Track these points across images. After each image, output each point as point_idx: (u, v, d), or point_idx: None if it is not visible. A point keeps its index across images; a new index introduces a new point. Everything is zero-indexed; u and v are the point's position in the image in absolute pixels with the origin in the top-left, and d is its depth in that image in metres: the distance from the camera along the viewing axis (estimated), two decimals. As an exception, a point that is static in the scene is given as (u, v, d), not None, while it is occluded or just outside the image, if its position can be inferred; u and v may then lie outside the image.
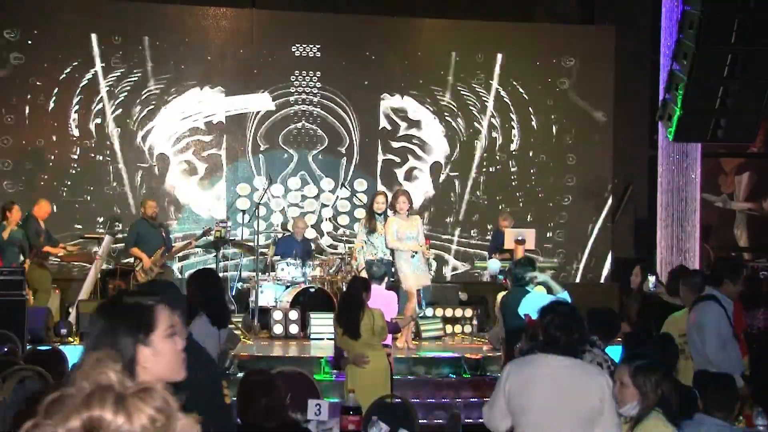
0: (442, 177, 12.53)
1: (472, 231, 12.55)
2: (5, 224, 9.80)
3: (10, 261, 9.53)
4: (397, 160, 12.47)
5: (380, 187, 11.55)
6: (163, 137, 12.01)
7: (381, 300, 6.79)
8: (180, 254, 11.06)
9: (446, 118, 12.55)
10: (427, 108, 12.52)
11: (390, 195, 9.62)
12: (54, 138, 11.68)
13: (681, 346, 5.72)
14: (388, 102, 12.48)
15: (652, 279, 7.69)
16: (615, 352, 7.07)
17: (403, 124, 12.50)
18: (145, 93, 11.94)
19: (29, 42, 11.59)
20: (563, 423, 3.63)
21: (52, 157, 11.67)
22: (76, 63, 11.73)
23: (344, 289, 8.77)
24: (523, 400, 3.68)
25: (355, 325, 6.27)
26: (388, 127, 12.47)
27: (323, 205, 12.26)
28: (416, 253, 9.11)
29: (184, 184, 12.04)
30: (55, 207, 11.09)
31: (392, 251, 9.20)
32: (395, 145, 12.49)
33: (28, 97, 11.58)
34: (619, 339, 6.49)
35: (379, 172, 12.39)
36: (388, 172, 12.39)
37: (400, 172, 12.42)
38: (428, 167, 12.51)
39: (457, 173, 12.55)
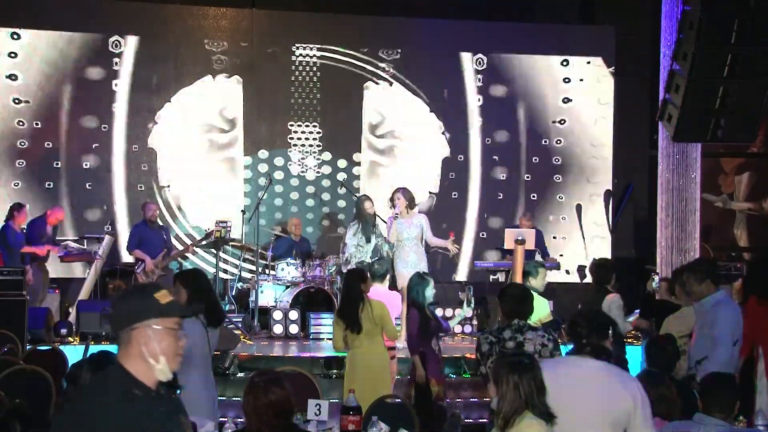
0: (442, 176, 12.52)
1: (472, 230, 12.55)
2: (11, 224, 9.87)
3: (15, 264, 9.57)
4: (399, 159, 12.47)
5: (373, 189, 11.53)
6: (163, 137, 12.01)
7: (383, 300, 6.81)
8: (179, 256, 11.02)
9: (445, 117, 12.54)
10: (427, 107, 12.51)
11: (397, 196, 9.51)
12: (56, 138, 11.68)
13: (682, 347, 5.72)
14: (388, 101, 12.47)
15: (656, 278, 7.70)
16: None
17: (403, 123, 12.49)
18: (145, 93, 11.94)
19: (32, 43, 11.59)
20: (598, 425, 3.64)
21: (55, 157, 11.67)
22: (75, 63, 11.73)
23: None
24: (558, 401, 3.67)
25: (354, 317, 6.29)
26: (389, 126, 12.46)
27: (322, 203, 12.25)
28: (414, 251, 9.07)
29: (184, 183, 12.03)
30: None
31: (393, 251, 9.16)
32: (396, 144, 12.48)
33: (32, 97, 11.58)
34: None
35: (380, 172, 12.39)
36: (388, 171, 12.39)
37: (400, 172, 12.41)
38: (427, 167, 12.50)
39: (457, 173, 12.54)
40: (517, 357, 3.74)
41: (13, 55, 11.56)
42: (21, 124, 11.56)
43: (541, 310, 6.43)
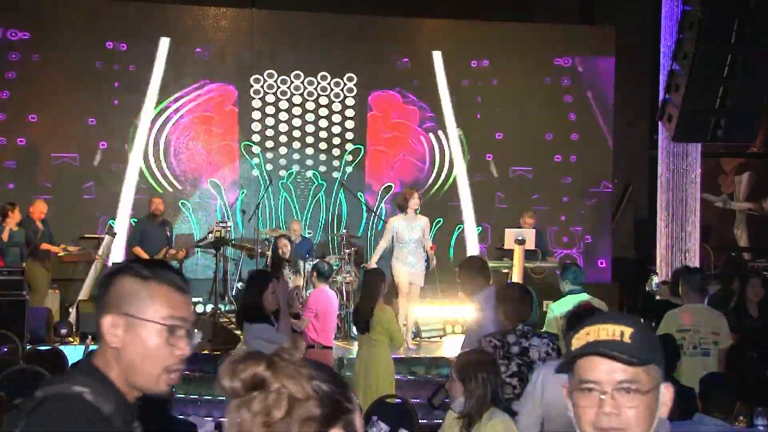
0: (441, 176, 12.53)
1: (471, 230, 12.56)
2: (4, 225, 9.81)
3: (11, 262, 9.53)
4: (398, 159, 12.47)
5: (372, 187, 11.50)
6: (163, 136, 12.01)
7: (329, 299, 7.05)
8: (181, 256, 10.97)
9: (445, 117, 12.55)
10: (427, 107, 12.52)
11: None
12: (56, 137, 11.68)
13: (679, 341, 5.74)
14: (388, 101, 12.48)
15: (655, 279, 7.68)
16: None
17: (403, 123, 12.50)
18: (145, 92, 11.94)
19: (33, 42, 11.60)
20: None
21: (55, 157, 11.67)
22: (77, 63, 11.73)
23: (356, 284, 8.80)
24: (562, 403, 3.66)
25: (367, 317, 6.30)
26: (388, 126, 12.47)
27: (321, 203, 12.25)
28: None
29: (184, 183, 12.04)
30: (56, 207, 11.09)
31: (392, 247, 9.11)
32: (395, 143, 12.49)
33: (32, 97, 11.59)
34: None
35: (378, 172, 12.39)
36: (387, 171, 12.39)
37: (399, 172, 12.42)
38: (427, 166, 12.51)
39: (456, 173, 12.55)
40: (479, 354, 3.69)
41: (16, 56, 11.58)
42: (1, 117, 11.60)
43: None
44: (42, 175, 11.62)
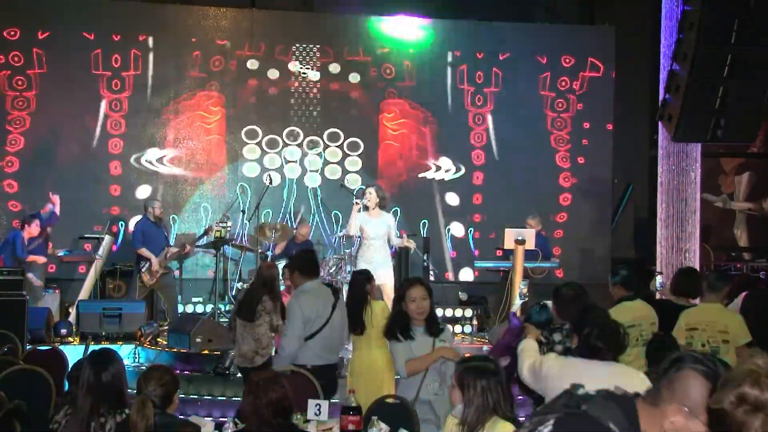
0: (441, 176, 12.53)
1: (471, 230, 12.55)
2: (22, 235, 9.88)
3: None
4: (396, 158, 12.47)
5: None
6: (164, 136, 12.01)
7: None
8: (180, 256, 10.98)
9: (445, 117, 12.55)
10: (426, 107, 12.52)
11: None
12: (55, 137, 11.68)
13: (687, 340, 5.72)
14: (387, 101, 12.48)
15: (659, 279, 7.66)
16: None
17: (402, 123, 12.50)
18: (145, 93, 11.94)
19: (30, 41, 11.60)
20: None
21: (53, 157, 11.67)
22: (76, 63, 11.74)
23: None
24: None
25: (358, 318, 6.25)
26: (388, 126, 12.47)
27: (322, 203, 12.26)
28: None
29: (184, 183, 12.04)
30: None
31: (358, 249, 8.98)
32: (394, 144, 12.49)
33: (30, 97, 11.59)
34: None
35: (381, 171, 12.40)
36: (386, 171, 12.39)
37: (398, 172, 12.43)
38: (427, 166, 12.51)
39: (456, 172, 12.55)
40: (482, 362, 3.61)
41: (16, 58, 11.59)
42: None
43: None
44: (42, 175, 11.61)
